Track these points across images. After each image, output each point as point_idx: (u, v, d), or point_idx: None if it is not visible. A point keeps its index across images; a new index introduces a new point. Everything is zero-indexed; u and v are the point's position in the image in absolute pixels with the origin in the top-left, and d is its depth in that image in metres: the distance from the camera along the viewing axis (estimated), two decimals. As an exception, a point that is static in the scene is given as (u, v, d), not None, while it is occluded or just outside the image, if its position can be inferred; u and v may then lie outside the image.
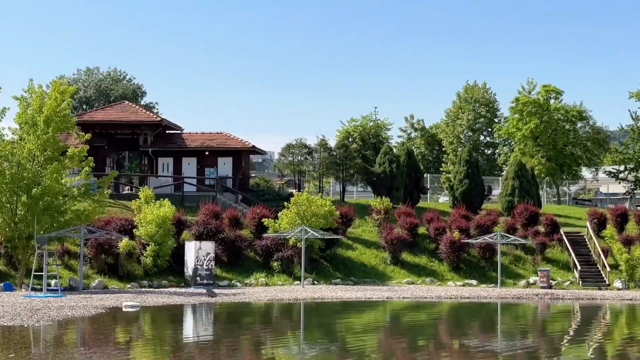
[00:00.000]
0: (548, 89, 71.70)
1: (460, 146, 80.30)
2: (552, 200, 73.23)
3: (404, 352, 23.72)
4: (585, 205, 70.16)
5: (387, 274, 46.64)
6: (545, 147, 69.14)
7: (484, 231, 48.22)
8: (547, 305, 39.37)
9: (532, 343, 26.28)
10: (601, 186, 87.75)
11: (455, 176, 58.52)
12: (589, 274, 45.96)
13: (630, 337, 28.53)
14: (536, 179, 61.55)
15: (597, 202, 79.43)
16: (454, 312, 36.65)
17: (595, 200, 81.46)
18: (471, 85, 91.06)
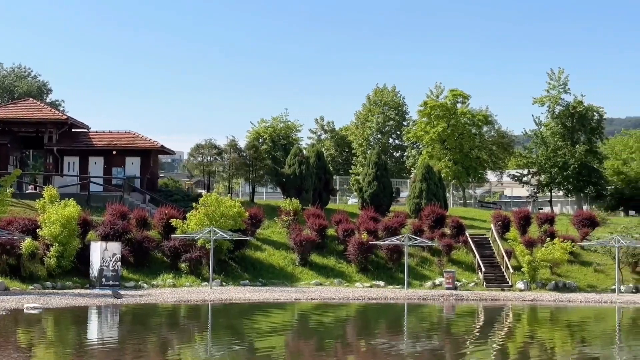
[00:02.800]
0: (455, 93, 72.92)
1: (370, 148, 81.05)
2: (459, 203, 74.52)
3: (311, 353, 23.74)
4: (490, 208, 71.70)
5: (296, 275, 46.69)
6: (452, 151, 70.27)
7: (391, 233, 48.73)
8: (452, 306, 40.02)
9: (437, 344, 26.65)
10: (505, 189, 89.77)
11: (364, 178, 58.96)
12: (492, 276, 46.91)
13: (531, 337, 29.22)
14: (443, 181, 62.53)
15: (502, 205, 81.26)
16: (362, 313, 36.89)
17: (499, 203, 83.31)
18: (381, 89, 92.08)
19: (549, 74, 74.17)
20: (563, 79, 73.52)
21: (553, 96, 73.63)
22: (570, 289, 45.51)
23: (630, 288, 45.52)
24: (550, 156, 72.00)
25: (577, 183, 71.94)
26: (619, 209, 76.24)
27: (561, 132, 73.09)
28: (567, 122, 73.25)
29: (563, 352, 25.52)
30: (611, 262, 47.19)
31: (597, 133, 74.58)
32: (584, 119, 73.07)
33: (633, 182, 77.04)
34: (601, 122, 75.04)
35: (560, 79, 73.60)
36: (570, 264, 48.35)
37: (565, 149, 71.63)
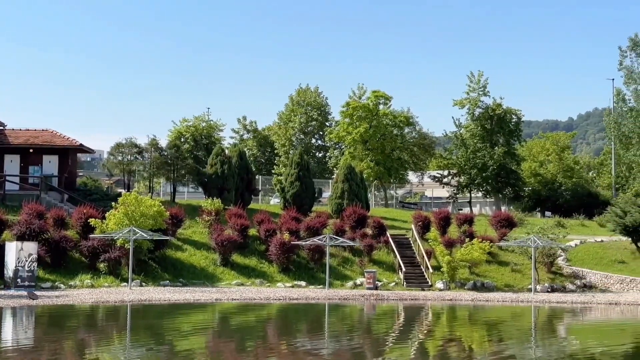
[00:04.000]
0: (377, 94, 73.49)
1: (292, 149, 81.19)
2: (380, 203, 75.09)
3: (232, 354, 23.61)
4: (411, 209, 72.43)
5: (217, 276, 46.36)
6: (374, 151, 70.77)
7: (313, 233, 48.79)
8: (373, 305, 40.29)
9: (358, 343, 26.79)
10: (426, 190, 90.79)
11: (286, 178, 58.94)
12: (413, 275, 47.37)
13: (450, 336, 29.61)
14: (365, 182, 62.91)
15: (423, 205, 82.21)
16: (283, 314, 36.87)
17: (420, 204, 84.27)
18: (304, 89, 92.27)
19: (469, 77, 75.41)
20: (482, 82, 74.80)
21: (473, 99, 74.82)
22: (488, 289, 46.25)
23: (546, 287, 46.49)
24: (469, 158, 73.13)
25: (495, 184, 73.24)
26: (536, 210, 77.94)
27: (480, 134, 74.29)
28: (487, 124, 74.51)
29: (481, 351, 25.92)
30: (528, 262, 48.14)
31: (515, 135, 76.04)
32: (502, 121, 74.42)
33: (549, 184, 78.86)
34: (519, 125, 76.54)
35: (479, 81, 74.84)
36: (488, 263, 49.15)
37: (484, 150, 72.84)
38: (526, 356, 24.27)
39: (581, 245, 53.02)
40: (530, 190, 78.25)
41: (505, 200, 77.48)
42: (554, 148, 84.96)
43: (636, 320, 37.40)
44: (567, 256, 50.59)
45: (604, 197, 74.56)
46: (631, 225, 50.46)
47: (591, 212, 69.07)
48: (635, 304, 41.78)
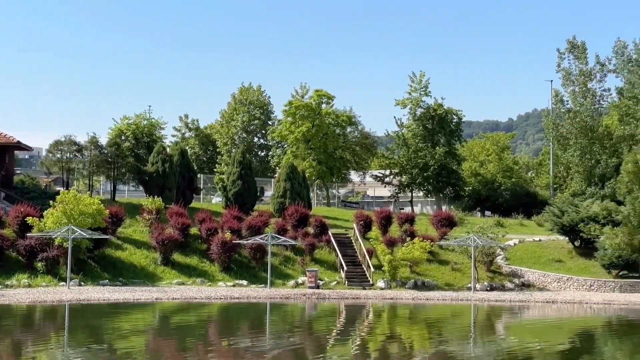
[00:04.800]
0: (320, 93, 73.57)
1: (235, 147, 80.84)
2: (322, 203, 75.19)
3: (172, 354, 23.43)
4: (353, 208, 72.70)
5: (158, 275, 45.93)
6: (316, 150, 70.84)
7: (255, 232, 48.63)
8: (314, 304, 40.33)
9: (299, 342, 26.79)
10: (368, 189, 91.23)
11: (228, 177, 58.65)
12: (354, 274, 47.50)
13: (390, 335, 29.80)
14: (307, 181, 62.89)
15: (364, 204, 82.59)
16: (224, 313, 36.71)
17: (362, 203, 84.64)
18: (246, 88, 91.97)
19: (411, 77, 75.94)
20: (424, 82, 75.36)
21: (414, 99, 75.35)
22: (428, 287, 46.61)
23: (485, 286, 47.02)
24: (411, 157, 73.64)
25: (436, 184, 73.86)
26: (476, 210, 78.82)
27: (422, 134, 74.86)
28: (428, 124, 75.12)
29: (421, 349, 26.13)
30: (467, 261, 48.64)
31: (456, 135, 76.77)
32: (443, 121, 75.07)
33: (489, 184, 79.84)
34: (460, 125, 77.29)
35: (421, 82, 75.40)
36: (429, 262, 49.55)
37: (425, 150, 73.41)
38: (465, 354, 24.53)
39: (520, 244, 53.77)
40: (470, 189, 79.11)
41: (446, 199, 78.22)
42: (494, 148, 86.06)
43: (573, 318, 38.09)
44: (506, 255, 51.25)
45: (542, 197, 75.74)
46: (568, 224, 51.30)
47: (530, 212, 70.09)
48: (572, 302, 42.52)
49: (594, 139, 69.88)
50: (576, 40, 71.79)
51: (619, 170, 52.90)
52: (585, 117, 69.67)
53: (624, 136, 68.13)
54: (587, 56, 71.22)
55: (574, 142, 70.56)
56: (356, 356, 23.93)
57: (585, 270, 49.19)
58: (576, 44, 71.63)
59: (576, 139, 70.30)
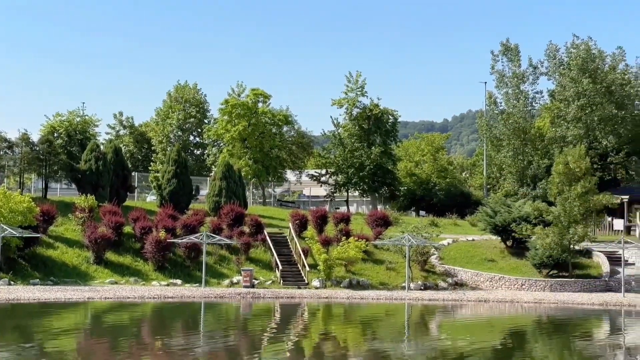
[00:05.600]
0: (257, 92, 73.33)
1: (170, 145, 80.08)
2: (258, 202, 74.98)
3: (104, 354, 23.11)
4: (289, 207, 72.63)
5: (90, 274, 45.29)
6: (252, 149, 70.62)
7: (190, 231, 48.30)
8: (249, 304, 40.21)
9: (234, 341, 26.67)
10: (304, 189, 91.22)
11: (163, 175, 58.11)
12: (289, 273, 47.50)
13: (325, 334, 29.86)
14: (243, 180, 62.65)
15: (300, 204, 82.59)
16: (157, 312, 36.36)
17: (298, 202, 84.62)
18: (182, 85, 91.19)
19: (347, 77, 76.17)
20: (360, 82, 75.67)
21: (351, 99, 75.61)
22: (363, 287, 46.83)
23: (419, 285, 47.43)
24: (347, 157, 73.89)
25: (372, 184, 74.24)
26: (411, 209, 79.47)
27: (358, 134, 75.17)
28: (364, 124, 75.46)
29: (355, 348, 26.24)
30: (402, 260, 49.00)
31: (392, 135, 77.26)
32: (379, 121, 75.49)
33: (424, 184, 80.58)
34: (396, 125, 77.81)
35: (357, 82, 75.70)
36: (364, 262, 49.78)
37: (361, 150, 73.73)
38: (399, 353, 24.70)
39: (453, 244, 54.38)
40: (405, 189, 79.70)
41: (382, 199, 78.67)
42: (429, 149, 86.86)
43: (504, 317, 38.65)
44: (440, 255, 51.78)
45: (475, 197, 76.71)
46: (501, 224, 52.06)
47: (463, 212, 70.94)
48: (504, 301, 43.14)
49: (526, 141, 71.11)
50: (510, 43, 72.99)
51: (550, 172, 53.86)
52: (518, 118, 70.85)
53: (555, 138, 69.48)
54: (520, 59, 72.51)
55: (507, 143, 71.68)
56: (291, 355, 23.91)
57: (517, 269, 49.97)
58: (510, 46, 72.78)
59: (509, 140, 71.43)
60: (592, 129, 68.93)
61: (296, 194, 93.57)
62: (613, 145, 68.20)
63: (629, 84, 69.95)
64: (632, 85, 70.37)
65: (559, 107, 70.36)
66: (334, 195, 78.08)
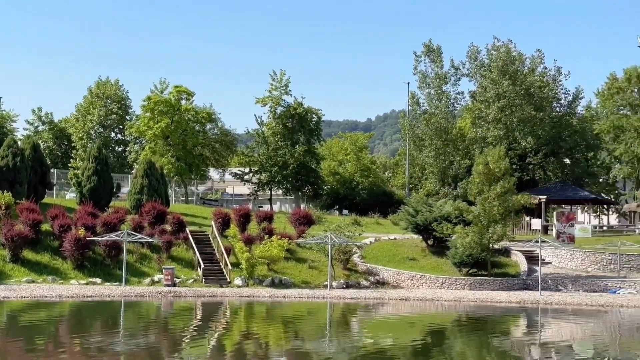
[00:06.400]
0: (180, 89, 72.76)
1: (90, 142, 78.84)
2: (181, 200, 74.42)
3: (20, 354, 22.58)
4: (211, 205, 72.17)
5: (6, 273, 44.21)
6: (175, 147, 70.04)
7: (110, 229, 47.59)
8: (170, 303, 39.84)
9: (154, 341, 26.38)
10: (227, 187, 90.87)
11: (83, 172, 57.13)
12: (212, 272, 47.20)
13: (247, 333, 29.76)
14: (165, 178, 62.09)
15: (223, 202, 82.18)
16: (76, 312, 35.73)
17: (221, 201, 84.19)
18: (103, 81, 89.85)
19: (271, 76, 76.13)
20: (284, 81, 75.71)
21: (275, 97, 75.60)
22: (286, 285, 46.82)
23: (342, 284, 47.64)
24: (271, 155, 73.85)
25: (295, 182, 74.38)
26: (334, 208, 79.84)
27: (282, 133, 75.20)
28: (288, 123, 75.51)
29: (277, 346, 26.22)
30: (325, 259, 49.12)
31: (316, 134, 77.53)
32: (303, 120, 75.66)
33: (347, 183, 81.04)
34: (319, 124, 78.11)
35: (282, 80, 75.72)
36: (286, 260, 49.75)
37: (285, 149, 73.77)
38: (320, 351, 24.76)
39: (376, 242, 54.78)
40: (329, 188, 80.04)
41: (305, 198, 78.84)
42: (353, 148, 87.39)
43: (425, 315, 39.09)
44: (362, 253, 52.09)
45: (398, 197, 77.46)
46: (422, 223, 52.63)
47: (386, 211, 71.51)
48: (424, 300, 43.64)
49: (448, 141, 72.12)
50: (432, 44, 73.92)
51: (471, 172, 54.71)
52: (440, 119, 71.81)
53: (476, 138, 70.66)
54: (443, 60, 73.57)
55: (429, 143, 72.58)
56: (212, 355, 23.76)
57: (437, 268, 50.60)
58: (432, 47, 73.71)
59: (431, 140, 72.34)
60: (511, 130, 70.35)
61: (219, 192, 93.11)
62: (532, 146, 69.75)
63: (547, 86, 71.66)
64: (551, 87, 72.12)
65: (480, 108, 71.57)
66: (258, 194, 77.98)
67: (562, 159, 72.97)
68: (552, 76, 72.70)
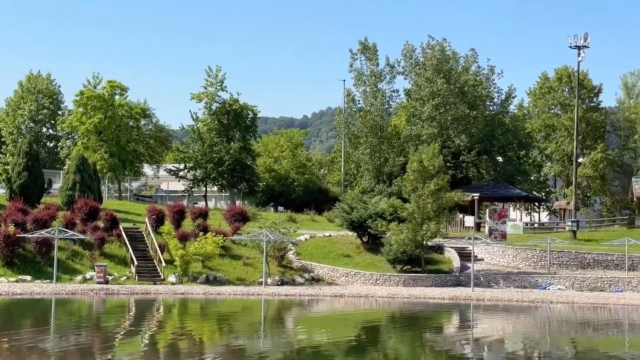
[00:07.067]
0: (113, 84, 71.92)
1: (21, 137, 77.36)
2: (114, 196, 73.56)
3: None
4: (146, 202, 71.54)
5: None
6: (108, 143, 69.22)
7: (41, 225, 46.77)
8: (102, 300, 39.36)
9: (86, 339, 26.00)
10: (162, 183, 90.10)
11: (13, 168, 56.07)
12: (145, 269, 46.75)
13: (181, 330, 29.54)
14: (98, 174, 61.29)
15: (158, 198, 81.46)
16: (5, 310, 35.06)
17: (155, 197, 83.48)
18: (35, 76, 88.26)
19: (207, 72, 75.59)
20: (220, 77, 75.24)
21: (210, 93, 75.13)
22: (220, 282, 46.59)
23: (277, 281, 47.60)
24: (206, 152, 73.41)
25: (231, 179, 74.10)
26: (270, 205, 79.76)
27: (217, 129, 74.80)
28: (223, 119, 75.15)
29: (211, 344, 26.09)
30: (260, 256, 48.99)
31: (251, 131, 77.30)
32: (239, 116, 75.37)
33: (283, 180, 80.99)
34: (255, 121, 77.89)
35: (217, 76, 75.24)
36: (221, 257, 49.50)
37: (220, 145, 73.40)
38: (255, 348, 24.70)
39: (311, 239, 54.87)
40: (264, 185, 79.91)
41: (240, 194, 78.55)
42: (289, 145, 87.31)
43: (359, 311, 39.31)
44: (298, 250, 52.10)
45: (333, 194, 77.65)
46: (357, 220, 52.87)
47: (321, 208, 71.67)
48: (359, 296, 43.85)
49: (383, 138, 72.63)
50: (368, 42, 74.32)
51: (406, 169, 55.12)
52: (375, 116, 72.26)
53: (411, 136, 71.32)
54: (378, 58, 74.00)
55: (365, 140, 72.97)
56: (145, 353, 23.51)
57: (372, 265, 50.91)
58: (368, 45, 74.10)
59: (366, 137, 72.74)
60: (445, 128, 71.16)
61: (154, 188, 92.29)
62: (465, 144, 70.65)
63: (480, 85, 72.69)
64: (484, 86, 73.17)
65: (415, 106, 72.25)
66: (193, 190, 77.49)
67: (495, 157, 74.11)
68: (485, 75, 73.75)
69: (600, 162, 74.36)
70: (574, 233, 58.72)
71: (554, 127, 78.21)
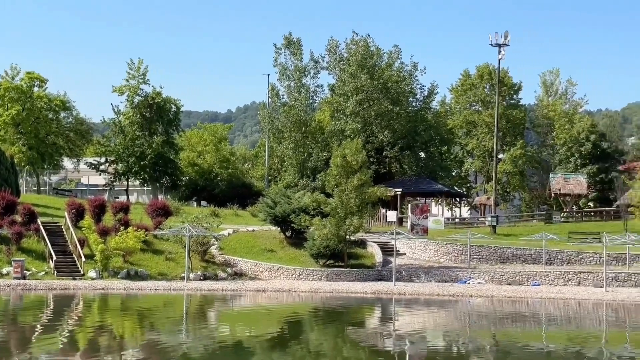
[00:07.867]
0: (32, 76, 70.51)
1: None
2: (33, 190, 72.13)
3: None
4: (65, 196, 70.25)
5: None
6: (26, 135, 67.86)
7: (-44, 220, 45.56)
8: (20, 296, 38.54)
9: (2, 336, 25.42)
10: (82, 177, 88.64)
11: None
12: (64, 264, 45.92)
13: (100, 326, 29.10)
14: (16, 167, 60.00)
15: (78, 192, 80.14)
16: None
17: (76, 191, 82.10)
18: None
19: (129, 64, 74.57)
20: (142, 70, 74.33)
21: (132, 86, 74.13)
22: (142, 277, 46.03)
23: (199, 275, 47.26)
24: (128, 145, 72.48)
25: (153, 173, 73.30)
26: (193, 199, 79.13)
27: (140, 122, 73.90)
28: (146, 113, 74.24)
29: (132, 339, 25.77)
30: (182, 251, 48.59)
31: (174, 125, 76.61)
32: (162, 110, 74.59)
33: (206, 174, 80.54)
34: (178, 114, 77.20)
35: (139, 69, 74.30)
36: (143, 252, 48.92)
37: (143, 139, 72.57)
38: (176, 343, 24.48)
39: (234, 234, 54.65)
40: (187, 179, 79.34)
41: (163, 189, 77.80)
42: (212, 139, 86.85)
43: (282, 306, 39.32)
44: (220, 245, 51.85)
45: (257, 188, 77.57)
46: (280, 215, 52.83)
47: (245, 202, 71.46)
48: (281, 291, 43.87)
49: (307, 133, 72.73)
50: (292, 36, 74.26)
51: (329, 164, 55.30)
52: (300, 111, 72.31)
53: (334, 131, 71.55)
54: (302, 53, 74.02)
55: (289, 135, 72.96)
56: (64, 350, 23.07)
57: (295, 259, 50.95)
58: (292, 40, 74.05)
59: (290, 132, 72.74)
60: (369, 123, 71.63)
61: (74, 182, 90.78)
62: (388, 140, 71.24)
63: (403, 81, 73.39)
64: (407, 82, 73.88)
65: (339, 102, 72.55)
66: (114, 184, 76.44)
67: (418, 153, 74.89)
68: (408, 71, 74.44)
69: (519, 158, 75.86)
70: (494, 228, 59.78)
71: (475, 123, 79.52)
